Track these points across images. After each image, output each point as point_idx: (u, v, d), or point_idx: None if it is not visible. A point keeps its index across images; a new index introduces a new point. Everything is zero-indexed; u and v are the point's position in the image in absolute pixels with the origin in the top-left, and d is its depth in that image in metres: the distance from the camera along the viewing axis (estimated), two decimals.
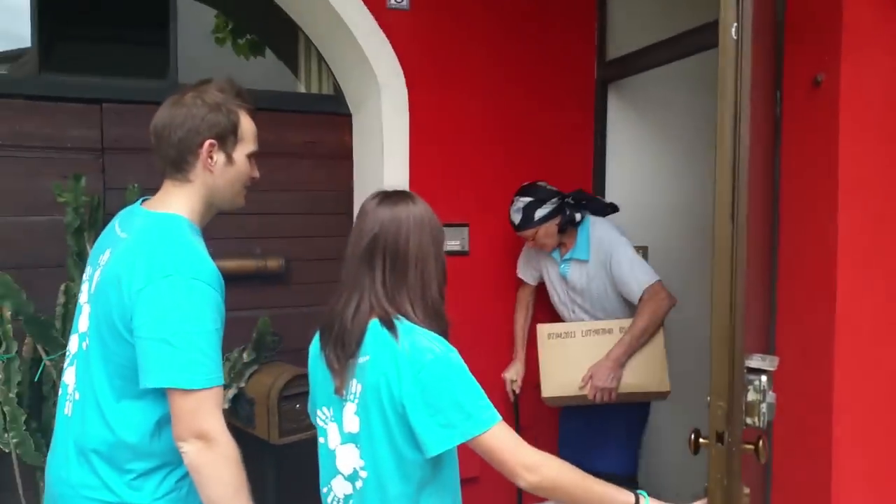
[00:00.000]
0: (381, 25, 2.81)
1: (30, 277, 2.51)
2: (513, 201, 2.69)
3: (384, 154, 2.87)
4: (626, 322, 2.56)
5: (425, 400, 1.32)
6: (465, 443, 1.33)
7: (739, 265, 1.25)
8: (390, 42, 2.83)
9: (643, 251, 3.43)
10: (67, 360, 1.55)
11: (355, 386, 1.41)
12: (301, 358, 2.92)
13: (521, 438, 1.36)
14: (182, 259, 1.38)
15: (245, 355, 2.72)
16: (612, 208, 2.84)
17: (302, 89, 3.32)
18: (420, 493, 1.39)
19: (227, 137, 1.48)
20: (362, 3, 2.78)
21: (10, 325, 2.37)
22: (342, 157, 3.19)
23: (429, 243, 1.44)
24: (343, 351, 1.41)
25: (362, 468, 1.41)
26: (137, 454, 1.43)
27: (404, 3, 2.85)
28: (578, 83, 3.23)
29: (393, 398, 1.34)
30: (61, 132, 2.71)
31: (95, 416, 1.44)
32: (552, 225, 2.65)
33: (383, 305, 1.39)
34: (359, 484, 1.43)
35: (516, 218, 2.66)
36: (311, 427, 2.69)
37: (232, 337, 2.77)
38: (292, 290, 3.11)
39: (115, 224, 1.54)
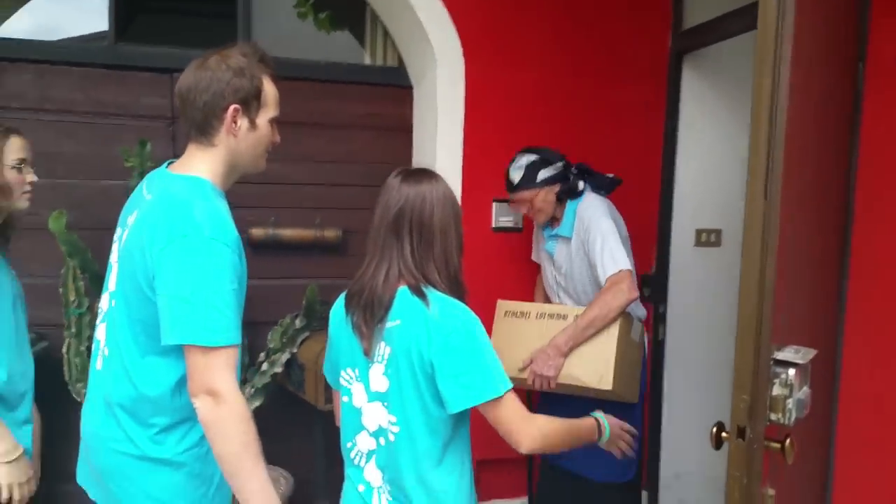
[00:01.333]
0: None
1: (101, 238, 2.62)
2: (513, 158, 2.45)
3: (437, 127, 2.82)
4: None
5: (451, 361, 1.41)
6: (477, 406, 1.43)
7: (770, 246, 1.13)
8: (448, 11, 2.77)
9: (716, 234, 3.24)
10: (99, 318, 1.61)
11: (383, 348, 1.49)
12: None
13: (525, 408, 1.46)
14: (201, 220, 1.39)
15: (297, 322, 2.78)
16: (616, 181, 2.55)
17: (368, 62, 3.32)
18: (446, 449, 1.49)
19: (250, 102, 1.49)
20: None
21: (81, 283, 2.51)
22: (402, 130, 3.17)
23: (450, 217, 1.53)
24: (372, 316, 1.49)
25: (393, 424, 1.50)
26: (160, 409, 1.47)
27: None
28: (651, 54, 3.06)
29: (423, 359, 1.43)
30: (135, 100, 2.84)
31: (120, 372, 1.49)
32: (552, 191, 2.40)
33: (413, 273, 1.48)
34: (383, 440, 1.52)
35: (516, 176, 2.40)
36: None
37: (287, 303, 2.86)
38: (349, 261, 3.13)
39: (143, 186, 1.58)
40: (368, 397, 1.54)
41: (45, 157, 2.75)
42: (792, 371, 1.16)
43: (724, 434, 1.24)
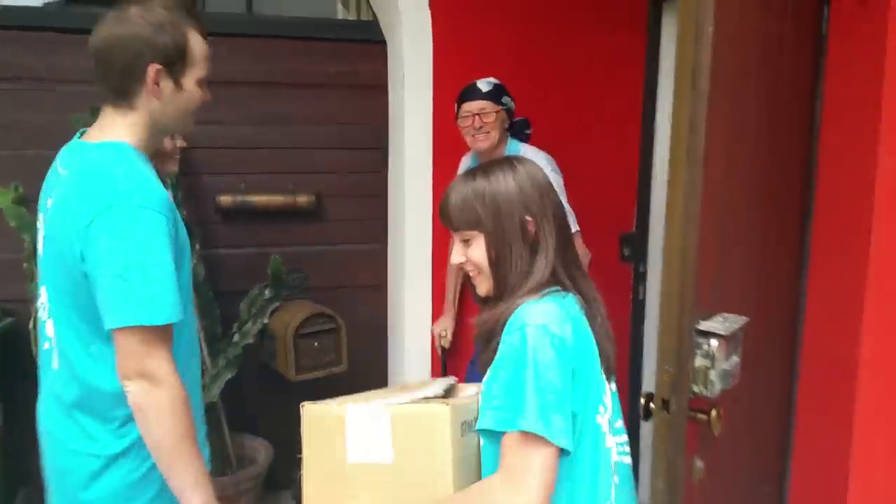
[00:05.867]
0: None
1: None
2: (474, 82, 2.44)
3: (405, 85, 2.72)
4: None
5: None
6: None
7: (692, 213, 1.06)
8: None
9: None
10: (43, 313, 1.43)
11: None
12: (328, 296, 2.95)
13: None
14: (127, 188, 1.26)
15: (266, 292, 2.75)
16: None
17: (341, 16, 3.20)
18: None
19: (175, 62, 1.33)
20: None
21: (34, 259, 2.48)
22: (377, 88, 3.06)
23: None
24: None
25: (623, 445, 1.19)
26: (119, 400, 1.32)
27: None
28: (627, 0, 2.92)
29: None
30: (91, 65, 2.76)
31: (66, 370, 1.37)
32: (505, 122, 2.43)
33: None
34: (617, 479, 1.18)
35: (485, 87, 2.40)
36: (328, 365, 2.75)
37: (261, 273, 2.82)
38: (323, 227, 3.09)
39: (57, 163, 1.43)
40: (612, 430, 1.17)
41: (1, 128, 2.72)
42: (714, 342, 1.10)
43: (651, 405, 1.19)
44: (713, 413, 1.14)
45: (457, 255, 1.23)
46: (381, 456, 1.10)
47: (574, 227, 2.35)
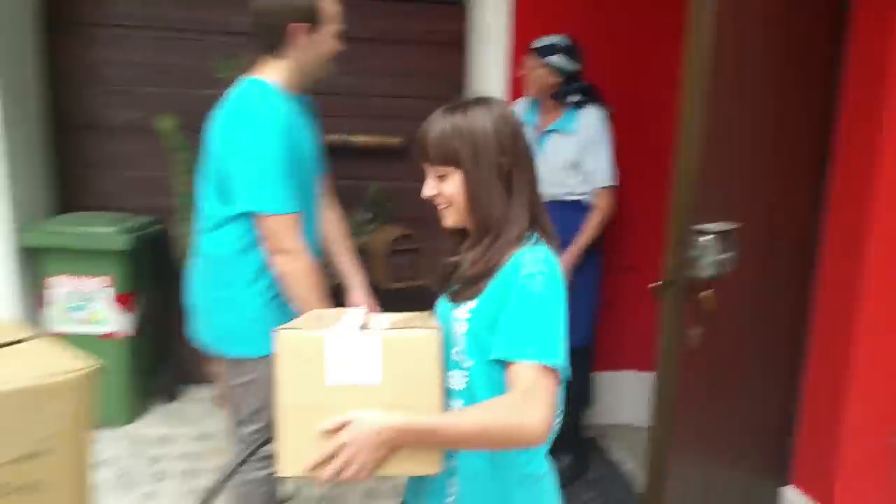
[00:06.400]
0: None
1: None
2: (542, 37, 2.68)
3: (483, 44, 3.09)
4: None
5: None
6: None
7: (698, 140, 1.44)
8: None
9: None
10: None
11: None
12: (410, 226, 3.40)
13: None
14: (253, 110, 1.71)
15: (366, 215, 3.26)
16: (610, 115, 2.75)
17: None
18: None
19: (311, 21, 1.76)
20: None
21: (189, 176, 3.03)
22: (456, 45, 3.47)
23: None
24: None
25: None
26: (230, 264, 1.82)
27: None
28: None
29: None
30: (225, 19, 3.29)
31: (203, 235, 1.87)
32: (552, 76, 2.63)
33: None
34: None
35: (542, 41, 2.64)
36: (411, 279, 3.23)
37: (356, 201, 3.32)
38: (409, 166, 3.54)
39: None
40: None
41: (153, 69, 3.29)
42: (707, 238, 1.49)
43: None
44: (708, 293, 1.53)
45: (429, 189, 1.23)
46: (368, 378, 1.11)
47: (613, 181, 2.63)
